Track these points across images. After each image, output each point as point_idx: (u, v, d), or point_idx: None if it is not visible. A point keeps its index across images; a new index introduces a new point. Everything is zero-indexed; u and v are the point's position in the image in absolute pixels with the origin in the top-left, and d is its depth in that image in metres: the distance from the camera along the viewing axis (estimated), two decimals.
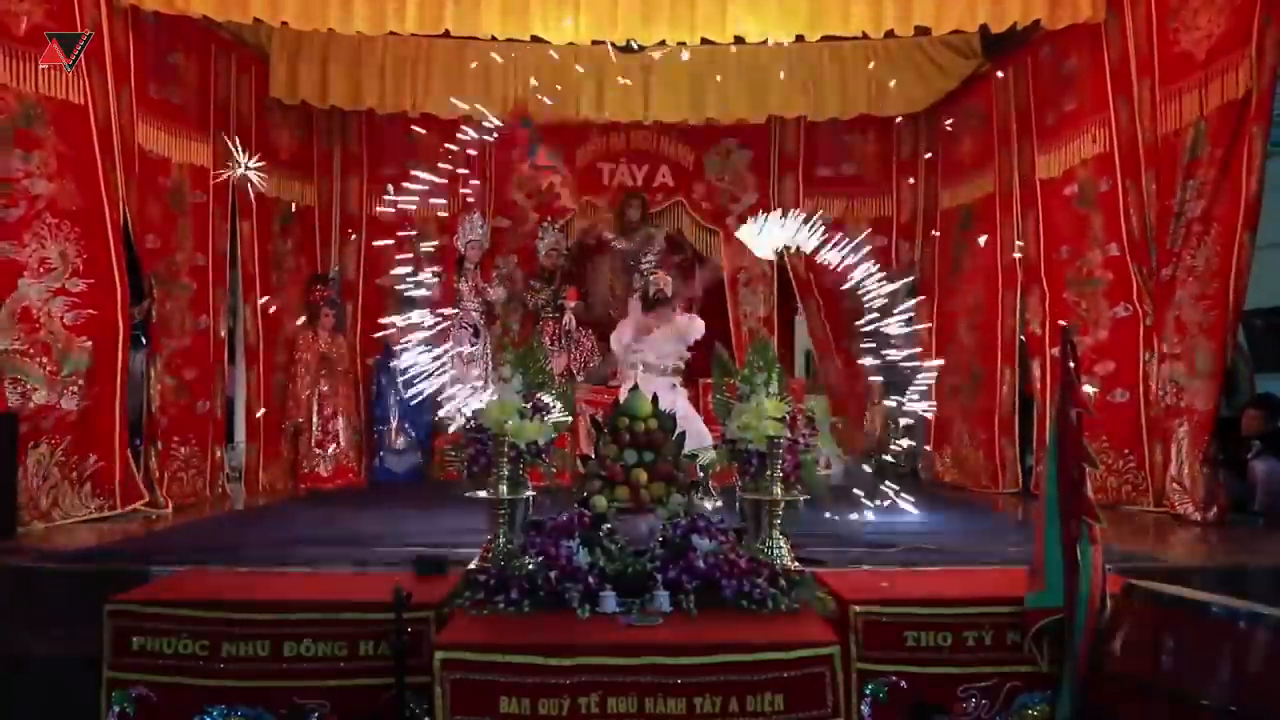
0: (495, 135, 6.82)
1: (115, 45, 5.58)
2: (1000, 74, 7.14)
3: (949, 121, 7.64)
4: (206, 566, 4.00)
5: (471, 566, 3.69)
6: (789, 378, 6.19)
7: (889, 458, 8.24)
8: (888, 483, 4.67)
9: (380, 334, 7.64)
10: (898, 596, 3.39)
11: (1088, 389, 5.28)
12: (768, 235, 5.98)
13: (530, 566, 3.41)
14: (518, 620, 3.23)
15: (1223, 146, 5.13)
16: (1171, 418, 5.51)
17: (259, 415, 7.16)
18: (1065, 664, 3.11)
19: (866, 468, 8.19)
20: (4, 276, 5.00)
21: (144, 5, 5.64)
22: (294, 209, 7.72)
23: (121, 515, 5.46)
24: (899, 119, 7.92)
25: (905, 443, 8.27)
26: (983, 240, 7.19)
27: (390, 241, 7.14)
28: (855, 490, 5.56)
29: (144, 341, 5.98)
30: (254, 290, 7.19)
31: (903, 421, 8.28)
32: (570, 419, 4.24)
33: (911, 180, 8.29)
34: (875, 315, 5.26)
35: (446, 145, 6.40)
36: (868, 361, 6.06)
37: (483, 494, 3.78)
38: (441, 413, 7.33)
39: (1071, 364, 3.24)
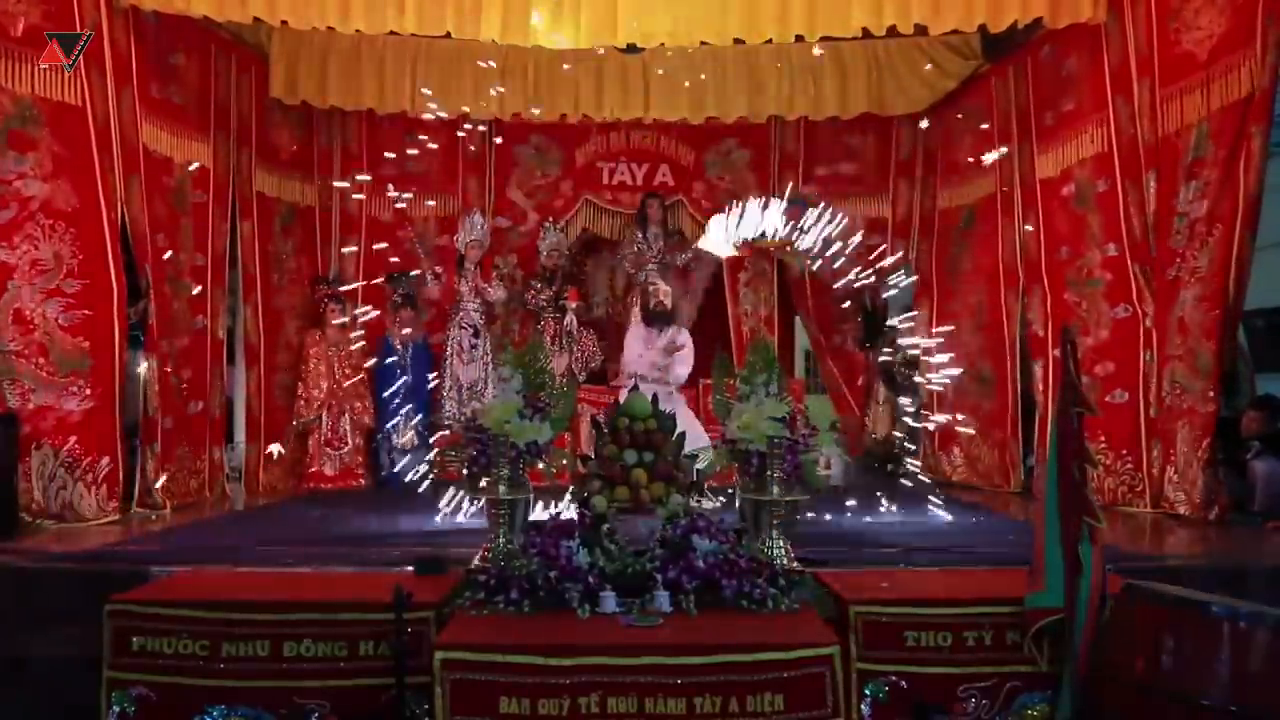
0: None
1: (116, 46, 5.57)
2: (999, 75, 7.14)
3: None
4: (206, 566, 4.00)
5: (472, 566, 3.69)
6: (789, 378, 6.18)
7: (885, 459, 8.25)
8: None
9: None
10: (898, 596, 3.39)
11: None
12: (728, 233, 5.89)
13: (531, 567, 3.40)
14: (518, 620, 3.23)
15: (1225, 147, 5.13)
16: (1173, 418, 5.50)
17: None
18: (1065, 664, 3.11)
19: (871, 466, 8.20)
20: None
21: (144, 5, 5.63)
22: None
23: (121, 516, 5.45)
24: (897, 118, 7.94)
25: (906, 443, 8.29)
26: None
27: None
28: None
29: (142, 341, 5.97)
30: (254, 290, 7.19)
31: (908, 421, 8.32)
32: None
33: (907, 175, 8.30)
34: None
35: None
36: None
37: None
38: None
39: (1072, 364, 3.24)
